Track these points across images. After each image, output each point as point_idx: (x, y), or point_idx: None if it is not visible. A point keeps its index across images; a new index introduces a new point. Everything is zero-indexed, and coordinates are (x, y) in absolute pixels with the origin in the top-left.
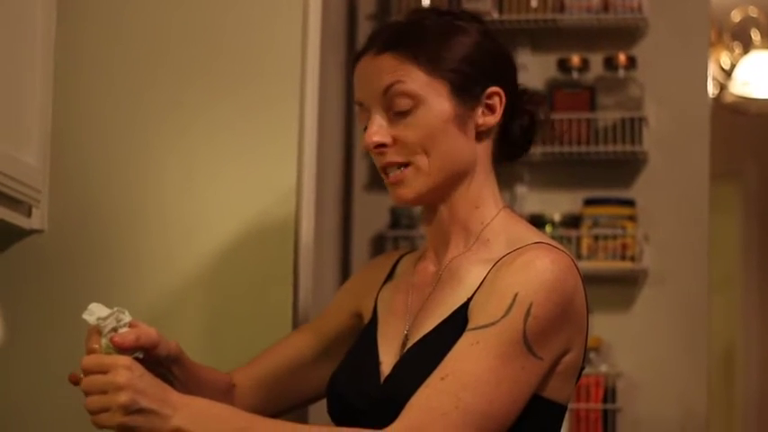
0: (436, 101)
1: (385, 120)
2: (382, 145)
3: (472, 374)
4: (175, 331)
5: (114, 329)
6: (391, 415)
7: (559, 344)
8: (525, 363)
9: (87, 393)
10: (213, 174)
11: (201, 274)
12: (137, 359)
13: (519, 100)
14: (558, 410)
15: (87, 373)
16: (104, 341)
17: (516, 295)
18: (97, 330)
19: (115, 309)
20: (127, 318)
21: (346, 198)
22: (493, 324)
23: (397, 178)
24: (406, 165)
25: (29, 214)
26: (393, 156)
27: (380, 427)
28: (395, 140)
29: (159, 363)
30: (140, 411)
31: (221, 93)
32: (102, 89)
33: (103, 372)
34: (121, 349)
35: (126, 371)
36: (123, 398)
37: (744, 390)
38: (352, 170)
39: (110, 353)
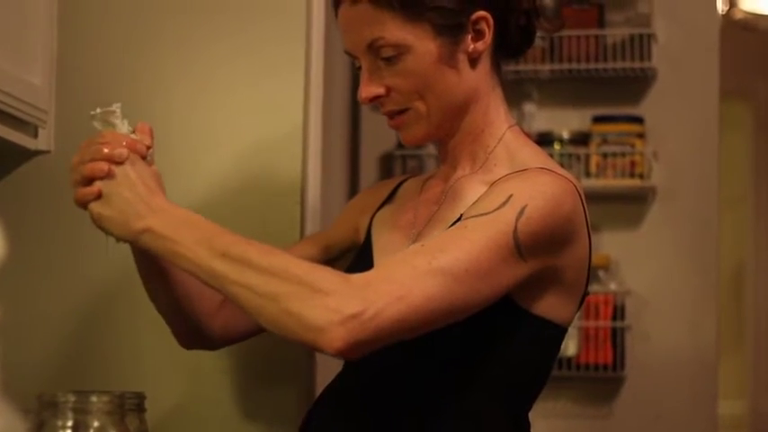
0: (421, 45)
1: (375, 68)
2: (377, 97)
3: (453, 243)
4: None
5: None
6: None
7: (547, 256)
8: (509, 257)
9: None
10: (222, 90)
11: (208, 192)
12: None
13: (509, 3)
14: (554, 330)
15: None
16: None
17: (511, 196)
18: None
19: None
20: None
21: (354, 117)
22: (484, 214)
23: (397, 123)
24: (406, 110)
25: (35, 135)
26: (390, 105)
27: None
28: (388, 90)
29: None
30: (120, 198)
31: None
32: (108, 10)
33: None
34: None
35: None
36: (128, 171)
37: (753, 307)
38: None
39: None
